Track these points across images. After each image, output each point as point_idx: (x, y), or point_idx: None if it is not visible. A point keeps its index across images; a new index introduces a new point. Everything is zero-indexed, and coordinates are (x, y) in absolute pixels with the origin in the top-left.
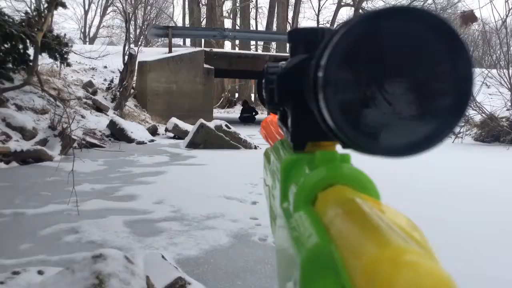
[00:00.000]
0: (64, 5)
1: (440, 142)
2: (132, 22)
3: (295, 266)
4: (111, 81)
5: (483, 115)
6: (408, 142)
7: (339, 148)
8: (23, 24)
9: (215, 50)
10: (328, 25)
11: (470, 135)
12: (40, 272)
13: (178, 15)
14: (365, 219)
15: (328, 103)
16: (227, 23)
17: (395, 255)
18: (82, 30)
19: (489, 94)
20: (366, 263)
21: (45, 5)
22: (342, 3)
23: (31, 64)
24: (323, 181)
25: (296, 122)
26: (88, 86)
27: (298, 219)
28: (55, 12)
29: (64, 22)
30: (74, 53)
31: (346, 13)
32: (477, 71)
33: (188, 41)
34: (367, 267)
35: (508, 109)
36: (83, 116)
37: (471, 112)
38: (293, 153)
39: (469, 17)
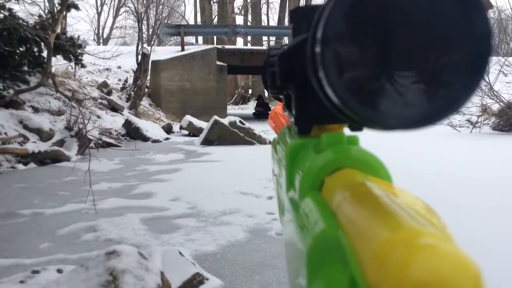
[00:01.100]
0: (76, 7)
1: (456, 110)
2: (145, 22)
3: (302, 258)
4: (126, 81)
5: (501, 103)
6: (422, 112)
7: (346, 131)
8: (37, 27)
9: (227, 47)
10: None
11: (488, 124)
12: (59, 271)
13: (190, 13)
14: (375, 202)
15: (330, 78)
16: (239, 20)
17: (409, 238)
18: (96, 32)
19: (507, 83)
20: (377, 248)
21: (58, 7)
22: None
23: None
24: (330, 165)
25: (300, 105)
26: (103, 86)
27: (304, 206)
28: (68, 14)
29: (78, 24)
30: (88, 54)
31: None
32: (494, 59)
33: (200, 39)
34: (378, 252)
35: None
36: (98, 116)
37: (488, 101)
38: (299, 138)
39: (484, 4)
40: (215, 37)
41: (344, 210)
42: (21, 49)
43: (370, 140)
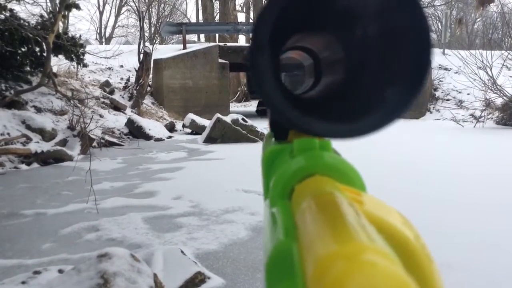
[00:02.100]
0: (78, 7)
1: (395, 119)
2: (147, 21)
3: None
4: (128, 79)
5: (505, 98)
6: (358, 121)
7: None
8: (38, 27)
9: (229, 44)
10: None
11: (491, 118)
12: (60, 271)
13: (192, 11)
14: (334, 214)
15: (263, 85)
16: (241, 17)
17: (353, 253)
18: (98, 31)
19: (510, 76)
20: (319, 261)
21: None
22: None
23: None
24: (300, 172)
25: None
26: (105, 85)
27: (272, 216)
28: (70, 13)
29: (80, 23)
30: (89, 53)
31: None
32: (497, 53)
33: (202, 36)
34: (320, 265)
35: None
36: (101, 116)
37: (492, 95)
38: (277, 143)
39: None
40: (217, 35)
41: (304, 221)
42: (22, 49)
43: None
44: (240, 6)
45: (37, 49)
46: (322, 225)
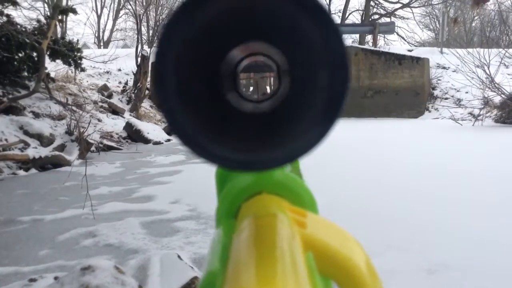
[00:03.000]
0: (74, 11)
1: (308, 151)
2: (144, 24)
3: None
4: (126, 83)
5: (503, 96)
6: (268, 154)
7: None
8: (35, 32)
9: None
10: (340, 14)
11: (490, 117)
12: (56, 278)
13: None
14: (268, 244)
15: (168, 114)
16: None
17: None
18: (96, 34)
19: (508, 74)
20: None
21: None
22: None
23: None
24: (247, 190)
25: None
26: (103, 89)
27: (215, 237)
28: (68, 18)
29: (77, 27)
30: (86, 58)
31: (357, 1)
32: (494, 51)
33: None
34: None
35: None
36: (99, 120)
37: (490, 93)
38: None
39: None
40: None
41: (236, 247)
42: (20, 54)
43: (369, 135)
44: None
45: (34, 54)
46: (251, 256)
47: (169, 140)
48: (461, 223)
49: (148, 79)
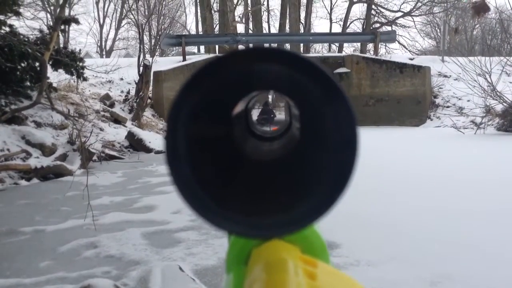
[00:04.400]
0: (77, 21)
1: (313, 221)
2: (146, 33)
3: None
4: (128, 92)
5: (505, 104)
6: (276, 220)
7: None
8: (38, 42)
9: None
10: (341, 23)
11: (492, 125)
12: None
13: (191, 23)
14: None
15: (177, 177)
16: (240, 28)
17: None
18: (98, 44)
19: (510, 83)
20: None
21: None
22: (354, 0)
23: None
24: None
25: None
26: (105, 99)
27: (225, 284)
28: (70, 28)
29: (80, 36)
30: (87, 68)
31: (359, 10)
32: (496, 59)
33: (202, 48)
34: None
35: None
36: (101, 129)
37: (492, 102)
38: None
39: (481, 7)
40: (216, 46)
41: None
42: (22, 64)
43: (370, 144)
44: (239, 17)
45: (37, 64)
46: None
47: None
48: (464, 233)
49: (150, 88)
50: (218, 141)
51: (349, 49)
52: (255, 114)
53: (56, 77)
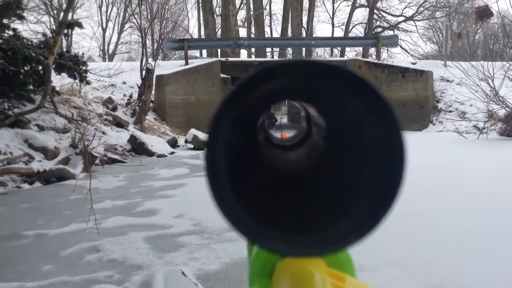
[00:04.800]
0: (80, 25)
1: (356, 241)
2: (149, 37)
3: None
4: (130, 96)
5: (507, 109)
6: (315, 238)
7: None
8: (41, 46)
9: (230, 59)
10: (343, 27)
11: (495, 130)
12: None
13: (194, 27)
14: None
15: (218, 194)
16: (242, 32)
17: None
18: (101, 48)
19: None
20: None
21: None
22: (356, 5)
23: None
24: None
25: None
26: (108, 102)
27: None
28: (74, 32)
29: (83, 40)
30: (90, 72)
31: (361, 14)
32: (498, 64)
33: (204, 52)
34: None
35: None
36: (104, 133)
37: (494, 106)
38: None
39: (484, 12)
40: (219, 50)
41: None
42: (25, 68)
43: None
44: (242, 21)
45: (40, 67)
46: None
47: (173, 153)
48: (466, 240)
49: (153, 92)
50: (248, 152)
51: (351, 53)
52: None
53: (59, 80)
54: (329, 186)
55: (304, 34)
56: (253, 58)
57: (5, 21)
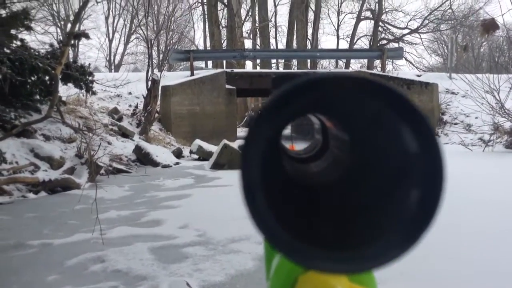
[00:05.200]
0: (87, 36)
1: (396, 259)
2: (155, 48)
3: None
4: (136, 106)
5: None
6: (355, 255)
7: None
8: (48, 56)
9: (235, 70)
10: (348, 39)
11: (500, 142)
12: None
13: (199, 39)
14: None
15: (258, 221)
16: (248, 43)
17: None
18: (107, 58)
19: None
20: None
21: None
22: (361, 17)
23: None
24: None
25: None
26: (114, 112)
27: None
28: (80, 42)
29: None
30: (96, 83)
31: (366, 27)
32: (504, 77)
33: (210, 63)
34: None
35: None
36: (109, 143)
37: (500, 119)
38: None
39: (490, 25)
40: (224, 61)
41: None
42: (32, 78)
43: None
44: (247, 33)
45: (47, 78)
46: None
47: (177, 163)
48: (473, 252)
49: (158, 102)
50: (273, 165)
51: (356, 65)
52: None
53: (65, 91)
54: (364, 202)
55: (309, 46)
56: (258, 69)
57: (13, 31)
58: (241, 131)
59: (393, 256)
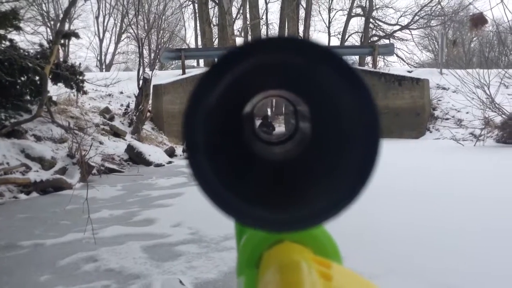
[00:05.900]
0: (77, 35)
1: (337, 214)
2: (146, 47)
3: None
4: (128, 106)
5: (503, 116)
6: (296, 214)
7: None
8: (38, 56)
9: None
10: (339, 36)
11: (491, 137)
12: None
13: (191, 37)
14: None
15: (196, 168)
16: (239, 41)
17: None
18: (98, 58)
19: (508, 95)
20: None
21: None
22: (352, 14)
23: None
24: (269, 238)
25: None
26: (105, 112)
27: (238, 286)
28: (70, 42)
29: (80, 51)
30: (87, 82)
31: (357, 23)
32: (494, 72)
33: (201, 61)
34: None
35: None
36: (101, 142)
37: (490, 114)
38: None
39: (478, 19)
40: (216, 60)
41: None
42: (22, 78)
43: None
44: (238, 31)
45: (37, 78)
46: None
47: (170, 162)
48: (464, 247)
49: (150, 101)
50: (230, 138)
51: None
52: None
53: (55, 91)
54: (312, 169)
55: None
56: None
57: (1, 32)
58: None
59: (331, 215)
